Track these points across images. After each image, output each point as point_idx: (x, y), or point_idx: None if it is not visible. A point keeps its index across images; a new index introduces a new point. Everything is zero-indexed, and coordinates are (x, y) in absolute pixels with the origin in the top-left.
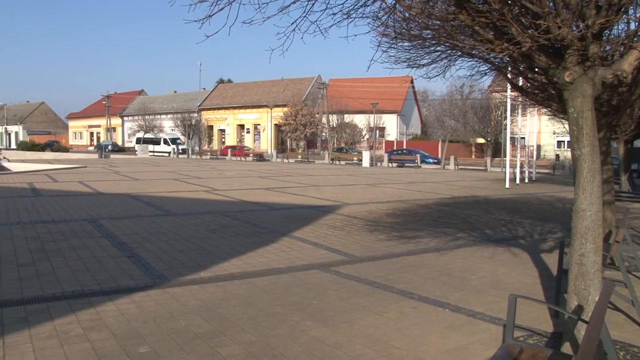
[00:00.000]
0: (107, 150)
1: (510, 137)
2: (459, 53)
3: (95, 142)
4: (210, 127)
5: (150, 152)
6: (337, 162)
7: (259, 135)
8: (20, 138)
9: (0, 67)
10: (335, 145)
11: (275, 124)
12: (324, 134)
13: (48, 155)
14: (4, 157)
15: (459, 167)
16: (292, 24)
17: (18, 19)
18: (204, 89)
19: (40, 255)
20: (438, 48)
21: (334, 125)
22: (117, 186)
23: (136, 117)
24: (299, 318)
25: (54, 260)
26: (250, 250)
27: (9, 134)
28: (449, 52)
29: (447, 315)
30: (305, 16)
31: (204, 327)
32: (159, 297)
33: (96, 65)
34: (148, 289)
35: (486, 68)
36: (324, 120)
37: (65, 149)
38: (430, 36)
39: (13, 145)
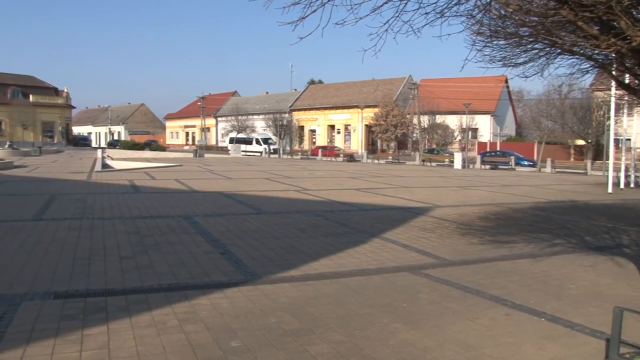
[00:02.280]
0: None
1: (614, 139)
2: (559, 50)
3: (190, 142)
4: (301, 128)
5: (242, 151)
6: (428, 164)
7: (350, 135)
8: (122, 137)
9: (106, 71)
10: (426, 146)
11: (366, 125)
12: (414, 134)
13: (147, 154)
14: (108, 156)
15: (556, 170)
16: (385, 24)
17: (124, 27)
18: (295, 89)
19: (139, 249)
20: (536, 46)
21: (425, 126)
22: (211, 184)
23: (229, 118)
24: (388, 320)
25: (152, 253)
26: (340, 250)
27: (113, 134)
28: (547, 49)
29: (543, 325)
30: (397, 16)
31: (294, 325)
32: (251, 294)
33: (192, 68)
34: (240, 285)
35: (588, 66)
36: (415, 120)
37: (163, 148)
38: (527, 34)
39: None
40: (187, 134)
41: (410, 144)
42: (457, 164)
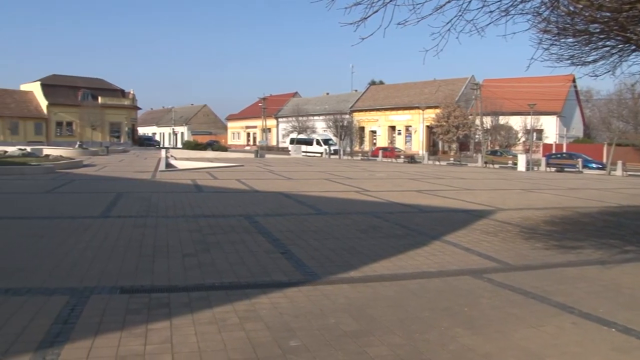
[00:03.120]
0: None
1: None
2: (633, 47)
3: (251, 142)
4: (362, 129)
5: (302, 152)
6: (491, 166)
7: (410, 136)
8: (185, 138)
9: (171, 73)
10: (489, 147)
11: (427, 126)
12: (477, 136)
13: (209, 154)
14: (172, 156)
15: (628, 173)
16: (447, 23)
17: (187, 30)
18: (356, 90)
19: (201, 247)
20: (607, 43)
21: (488, 127)
22: (272, 184)
23: (290, 118)
24: (448, 324)
25: (214, 252)
26: (400, 252)
27: (176, 134)
28: (620, 46)
29: (613, 336)
30: (461, 15)
31: (353, 326)
32: (310, 294)
33: (254, 69)
34: (300, 284)
35: None
36: (477, 121)
37: (225, 149)
38: (598, 30)
39: (179, 145)
40: (248, 134)
41: (472, 146)
42: (521, 166)
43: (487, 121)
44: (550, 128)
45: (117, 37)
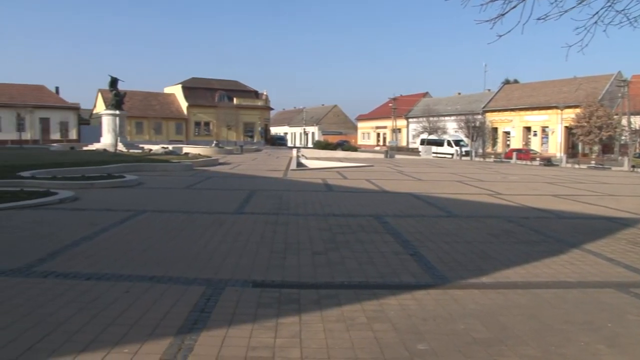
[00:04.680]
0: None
1: None
2: None
3: (381, 143)
4: (495, 129)
5: (433, 153)
6: (639, 170)
7: (547, 138)
8: (316, 138)
9: (302, 74)
10: (637, 150)
11: (566, 127)
12: (623, 137)
13: (339, 153)
14: (302, 155)
15: None
16: (594, 15)
17: (317, 31)
18: (489, 90)
19: (331, 245)
20: None
21: (637, 127)
22: (401, 185)
23: (420, 119)
24: (589, 339)
25: (343, 251)
26: (535, 260)
27: (307, 134)
28: None
29: None
30: (610, 6)
31: (483, 333)
32: (439, 297)
33: (384, 69)
34: (429, 287)
35: None
36: (623, 122)
37: (354, 149)
38: None
39: (310, 144)
40: (378, 134)
41: (618, 148)
42: None
43: (636, 121)
44: None
45: (253, 40)
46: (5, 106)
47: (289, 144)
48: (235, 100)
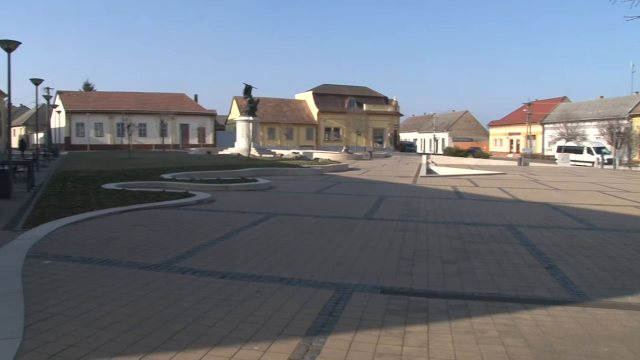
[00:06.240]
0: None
1: None
2: None
3: (514, 150)
4: None
5: (571, 161)
6: None
7: None
8: (446, 144)
9: (433, 81)
10: None
11: None
12: None
13: (469, 160)
14: (432, 162)
15: None
16: None
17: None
18: (637, 92)
19: (461, 255)
20: None
21: None
22: (536, 194)
23: (557, 125)
24: None
25: (474, 260)
26: None
27: (437, 141)
28: None
29: None
30: None
31: (630, 359)
32: (578, 315)
33: (519, 74)
34: (566, 304)
35: None
36: None
37: (486, 156)
38: None
39: (439, 151)
40: (511, 141)
41: None
42: None
43: None
44: None
45: (383, 47)
46: (151, 113)
47: (419, 150)
48: (364, 106)
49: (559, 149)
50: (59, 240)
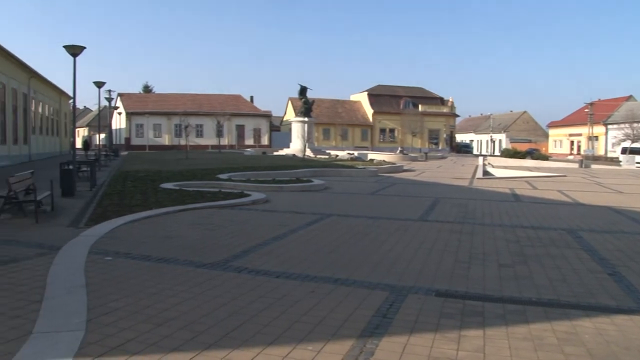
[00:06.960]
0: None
1: None
2: None
3: (575, 151)
4: None
5: (637, 163)
6: None
7: None
8: (504, 145)
9: (490, 81)
10: None
11: None
12: None
13: (528, 162)
14: (489, 163)
15: None
16: None
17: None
18: None
19: (519, 259)
20: None
21: None
22: (598, 198)
23: (622, 125)
24: None
25: (532, 265)
26: None
27: (494, 142)
28: None
29: None
30: None
31: None
32: None
33: (580, 73)
34: (631, 313)
35: None
36: None
37: (545, 157)
38: None
39: (497, 152)
40: (571, 142)
41: None
42: None
43: None
44: None
45: (436, 47)
46: (207, 114)
47: (475, 151)
48: (420, 107)
49: (624, 151)
50: (119, 237)
